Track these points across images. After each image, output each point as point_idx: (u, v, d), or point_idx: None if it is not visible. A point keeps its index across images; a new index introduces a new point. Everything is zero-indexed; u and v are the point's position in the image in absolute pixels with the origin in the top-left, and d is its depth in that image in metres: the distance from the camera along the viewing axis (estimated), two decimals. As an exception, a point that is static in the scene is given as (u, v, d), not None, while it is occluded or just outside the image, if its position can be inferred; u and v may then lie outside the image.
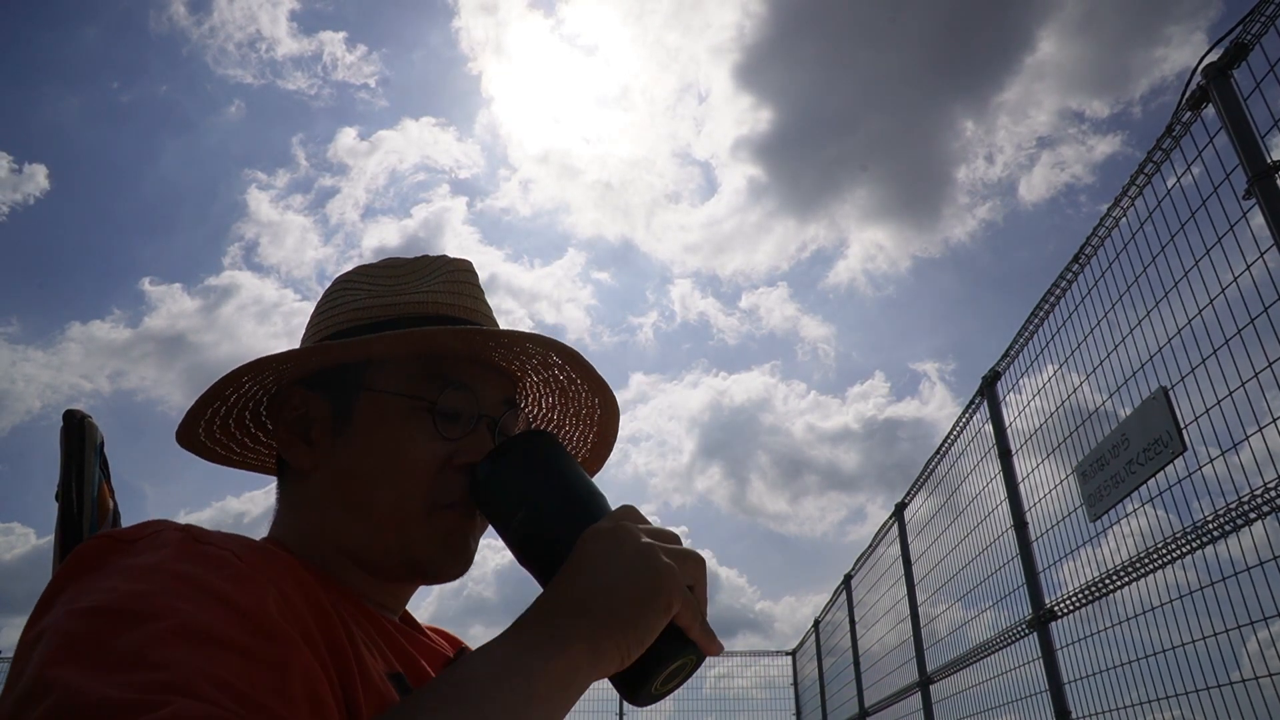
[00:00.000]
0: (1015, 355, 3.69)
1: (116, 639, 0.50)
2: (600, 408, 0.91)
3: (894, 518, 5.66)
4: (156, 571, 0.56)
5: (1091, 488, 2.94)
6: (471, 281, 0.87)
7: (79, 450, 0.69)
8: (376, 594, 0.79)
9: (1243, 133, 2.16)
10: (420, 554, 0.76)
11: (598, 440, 0.96)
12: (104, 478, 0.72)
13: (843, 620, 7.21)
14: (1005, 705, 3.91)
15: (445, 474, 0.76)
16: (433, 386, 0.77)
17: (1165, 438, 2.49)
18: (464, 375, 0.79)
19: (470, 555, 0.79)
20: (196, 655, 0.50)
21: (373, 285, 0.85)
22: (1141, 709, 2.71)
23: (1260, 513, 2.15)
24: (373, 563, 0.76)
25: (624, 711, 9.15)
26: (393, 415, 0.76)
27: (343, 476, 0.77)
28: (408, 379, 0.77)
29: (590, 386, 0.89)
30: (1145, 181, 2.64)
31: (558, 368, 0.86)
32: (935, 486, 4.93)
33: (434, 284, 0.84)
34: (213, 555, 0.59)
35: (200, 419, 0.81)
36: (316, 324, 0.86)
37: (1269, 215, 2.05)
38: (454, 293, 0.84)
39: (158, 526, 0.62)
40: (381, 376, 0.78)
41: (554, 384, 0.90)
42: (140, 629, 0.51)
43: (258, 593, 0.57)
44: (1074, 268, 3.08)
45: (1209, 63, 2.26)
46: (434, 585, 0.82)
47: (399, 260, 0.88)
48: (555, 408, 0.94)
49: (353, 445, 0.77)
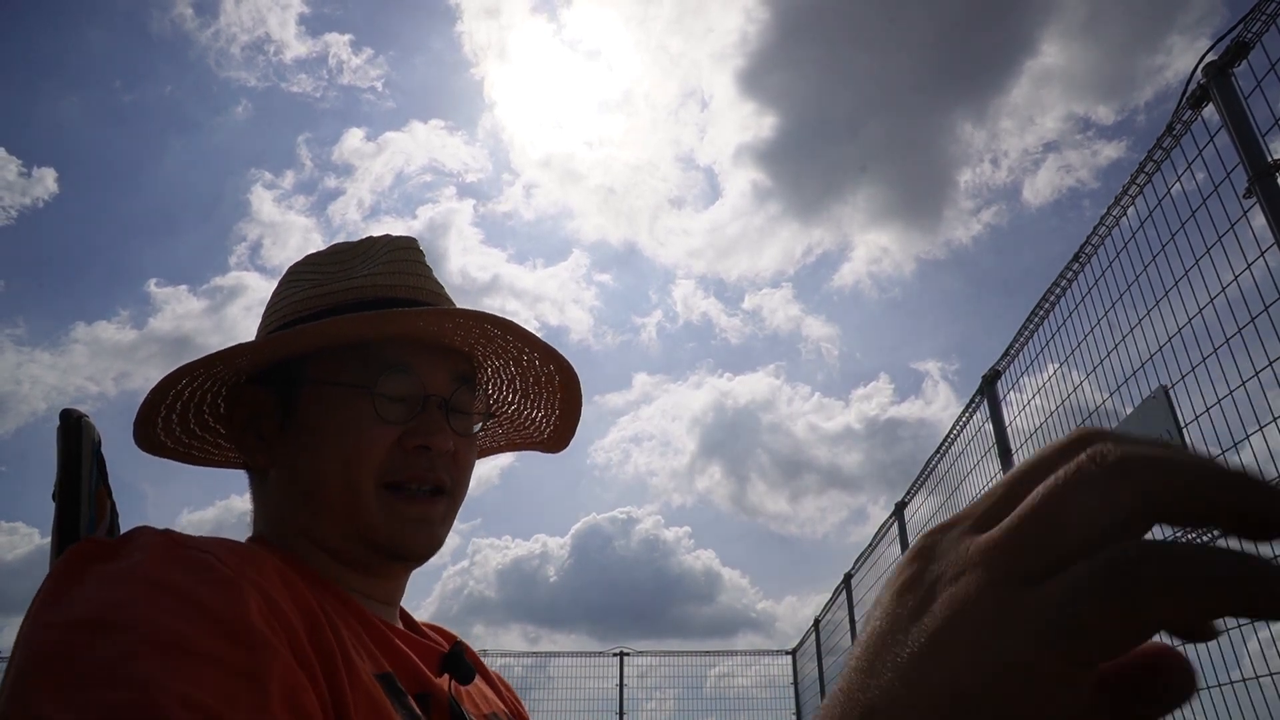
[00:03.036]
0: (1015, 354, 3.69)
1: (88, 654, 0.49)
2: (557, 372, 0.91)
3: (894, 517, 5.65)
4: (133, 579, 0.55)
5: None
6: (414, 259, 0.86)
7: (76, 450, 0.69)
8: (363, 586, 0.79)
9: (1243, 132, 2.16)
10: (378, 534, 0.76)
11: (564, 408, 0.96)
12: (101, 478, 0.71)
13: (843, 620, 7.21)
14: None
15: (395, 455, 0.77)
16: (372, 372, 0.77)
17: (1165, 437, 2.48)
18: (405, 358, 0.79)
19: (435, 534, 0.79)
20: (168, 670, 0.49)
21: (316, 274, 0.85)
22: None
23: (1261, 512, 2.15)
24: (338, 549, 0.77)
25: (624, 711, 9.15)
26: (336, 404, 0.77)
27: (295, 468, 0.78)
28: (348, 367, 0.78)
29: (540, 354, 0.89)
30: (1146, 181, 2.63)
31: (500, 339, 0.85)
32: (936, 485, 4.93)
33: (375, 267, 0.84)
34: (193, 560, 0.58)
35: (153, 424, 0.82)
36: (265, 318, 0.87)
37: (1269, 214, 2.05)
38: (395, 273, 0.84)
39: (139, 534, 0.61)
40: (322, 367, 0.78)
41: (506, 357, 0.89)
42: (112, 641, 0.50)
43: (238, 598, 0.56)
44: (1074, 267, 3.08)
45: (1209, 61, 2.26)
46: (406, 565, 0.82)
47: (344, 245, 0.88)
48: (515, 379, 0.94)
49: (301, 437, 0.78)
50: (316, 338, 0.77)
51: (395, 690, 0.68)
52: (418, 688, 0.72)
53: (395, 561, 0.79)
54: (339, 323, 0.75)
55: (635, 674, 9.43)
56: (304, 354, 0.79)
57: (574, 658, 9.54)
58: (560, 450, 1.01)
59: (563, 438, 1.00)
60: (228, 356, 0.77)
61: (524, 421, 1.00)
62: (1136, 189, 2.68)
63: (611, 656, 9.44)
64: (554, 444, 1.01)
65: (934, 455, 4.83)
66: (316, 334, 0.76)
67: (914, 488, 5.35)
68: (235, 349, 0.77)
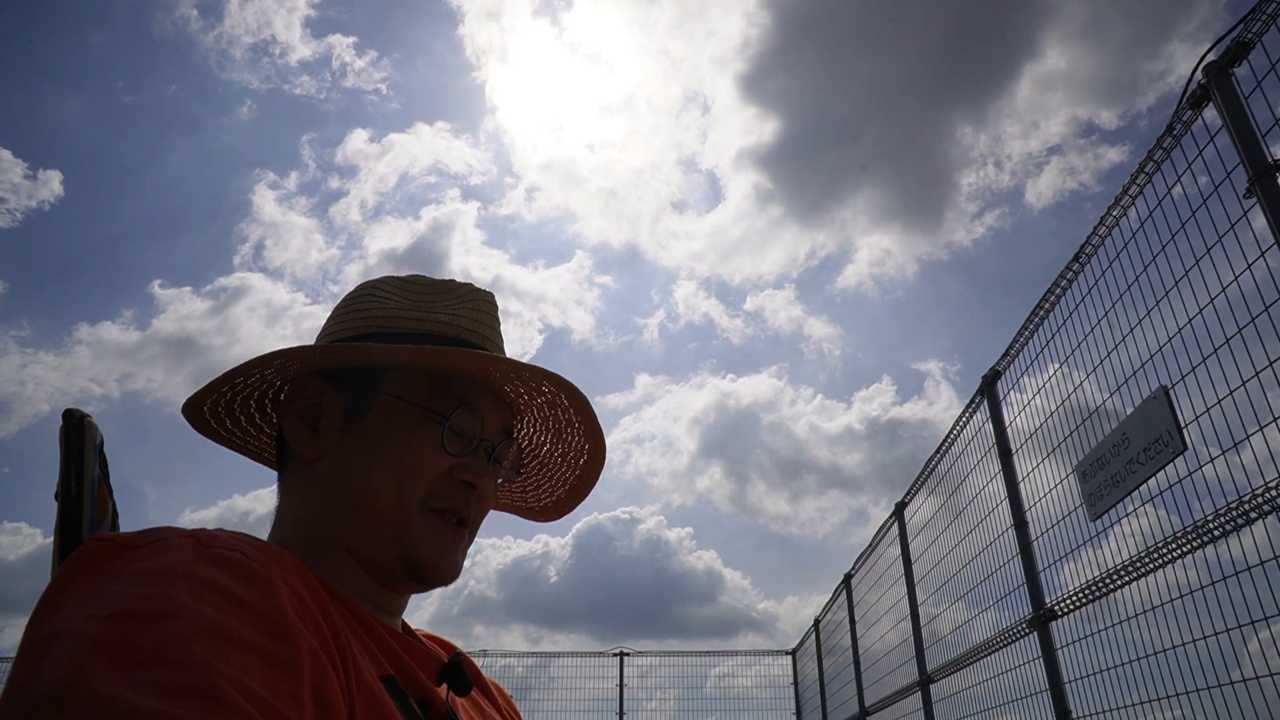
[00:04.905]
0: (1015, 354, 3.69)
1: (141, 641, 0.50)
2: (588, 453, 0.96)
3: (894, 517, 5.66)
4: (172, 575, 0.56)
5: (1092, 487, 2.94)
6: (492, 313, 0.91)
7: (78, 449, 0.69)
8: (374, 597, 0.80)
9: (1244, 131, 2.16)
10: (415, 552, 0.79)
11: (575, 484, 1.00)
12: (103, 477, 0.71)
13: (843, 620, 7.21)
14: (1005, 705, 3.91)
15: (443, 483, 0.80)
16: (445, 403, 0.81)
17: (1166, 437, 2.48)
18: (474, 399, 0.83)
19: (458, 564, 0.83)
20: (219, 656, 0.51)
21: (400, 297, 0.88)
22: (1142, 709, 2.71)
23: (1261, 512, 2.15)
24: (371, 559, 0.78)
25: (624, 712, 9.16)
26: (405, 422, 0.80)
27: (346, 470, 0.80)
28: (426, 392, 0.81)
29: (586, 432, 0.93)
30: (1146, 181, 2.63)
31: (561, 409, 0.90)
32: (936, 486, 4.93)
33: (458, 308, 0.88)
34: (225, 557, 0.60)
35: (209, 398, 0.84)
36: (337, 322, 0.88)
37: (1270, 214, 2.05)
38: (475, 319, 0.88)
39: (163, 533, 0.62)
40: (398, 384, 0.81)
41: (551, 423, 0.94)
42: (162, 630, 0.51)
43: (272, 592, 0.58)
44: (1074, 267, 3.08)
45: (1210, 61, 2.26)
46: (424, 587, 0.83)
47: (426, 279, 0.92)
48: (545, 444, 0.98)
49: (361, 442, 0.80)
50: (414, 356, 0.80)
51: (398, 691, 0.69)
52: (418, 693, 0.73)
53: (417, 582, 0.81)
54: (449, 353, 0.79)
55: (635, 674, 9.44)
56: (386, 365, 0.82)
57: (574, 658, 9.54)
58: (551, 519, 1.04)
59: (561, 509, 1.03)
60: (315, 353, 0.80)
61: (532, 488, 1.03)
62: (1137, 189, 2.68)
63: (612, 657, 9.45)
64: (548, 513, 1.04)
65: (934, 455, 4.83)
66: (418, 354, 0.79)
67: (914, 488, 5.35)
68: (329, 348, 0.80)
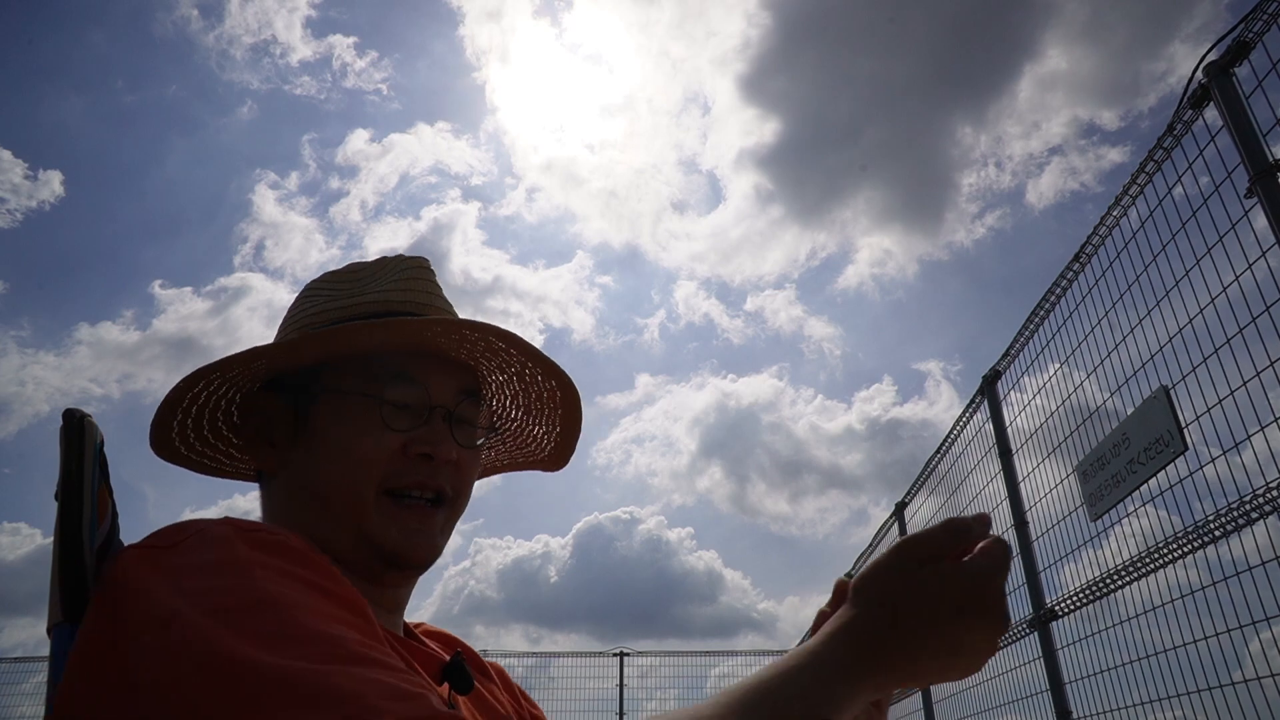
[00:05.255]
0: (1016, 354, 3.69)
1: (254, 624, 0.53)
2: (559, 388, 0.93)
3: (894, 517, 5.65)
4: (237, 564, 0.58)
5: (1092, 487, 2.93)
6: (423, 277, 0.89)
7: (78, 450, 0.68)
8: (367, 594, 0.79)
9: (1244, 131, 2.16)
10: (381, 539, 0.78)
11: (564, 425, 0.98)
12: (103, 477, 0.71)
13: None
14: (1006, 705, 3.91)
15: (399, 462, 0.79)
16: (380, 381, 0.80)
17: (1166, 437, 2.48)
18: (412, 368, 0.82)
19: (433, 544, 0.82)
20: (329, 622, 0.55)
21: (333, 291, 0.88)
22: (1143, 709, 2.71)
23: (1262, 512, 2.15)
24: (342, 555, 0.78)
25: (624, 711, 9.15)
26: (345, 412, 0.80)
27: (303, 475, 0.80)
28: (358, 377, 0.81)
29: (543, 370, 0.91)
30: (1146, 180, 2.63)
31: (504, 353, 0.87)
32: (936, 485, 4.92)
33: (386, 284, 0.87)
34: (276, 542, 0.62)
35: (169, 429, 0.84)
36: (281, 332, 0.89)
37: (1270, 214, 2.05)
38: (405, 289, 0.86)
39: (200, 525, 0.64)
40: (336, 377, 0.81)
41: (509, 372, 0.92)
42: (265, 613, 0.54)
43: (331, 570, 0.62)
44: (1074, 267, 3.08)
45: (1210, 61, 2.25)
46: (405, 574, 0.83)
47: (359, 264, 0.91)
48: (518, 394, 0.96)
49: (312, 444, 0.80)
50: (319, 345, 0.79)
51: None
52: None
53: (394, 569, 0.81)
54: (343, 331, 0.78)
55: (636, 674, 9.43)
56: (316, 363, 0.82)
57: (574, 658, 9.53)
58: (559, 468, 1.04)
59: (562, 455, 1.02)
60: (240, 361, 0.80)
61: (526, 439, 1.02)
62: (1137, 189, 2.67)
63: (612, 657, 9.44)
64: (554, 462, 1.04)
65: (934, 455, 4.83)
66: (321, 341, 0.79)
67: (914, 488, 5.34)
68: (247, 353, 0.79)
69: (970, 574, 0.62)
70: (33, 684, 9.58)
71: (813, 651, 0.61)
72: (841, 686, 0.59)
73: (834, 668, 0.60)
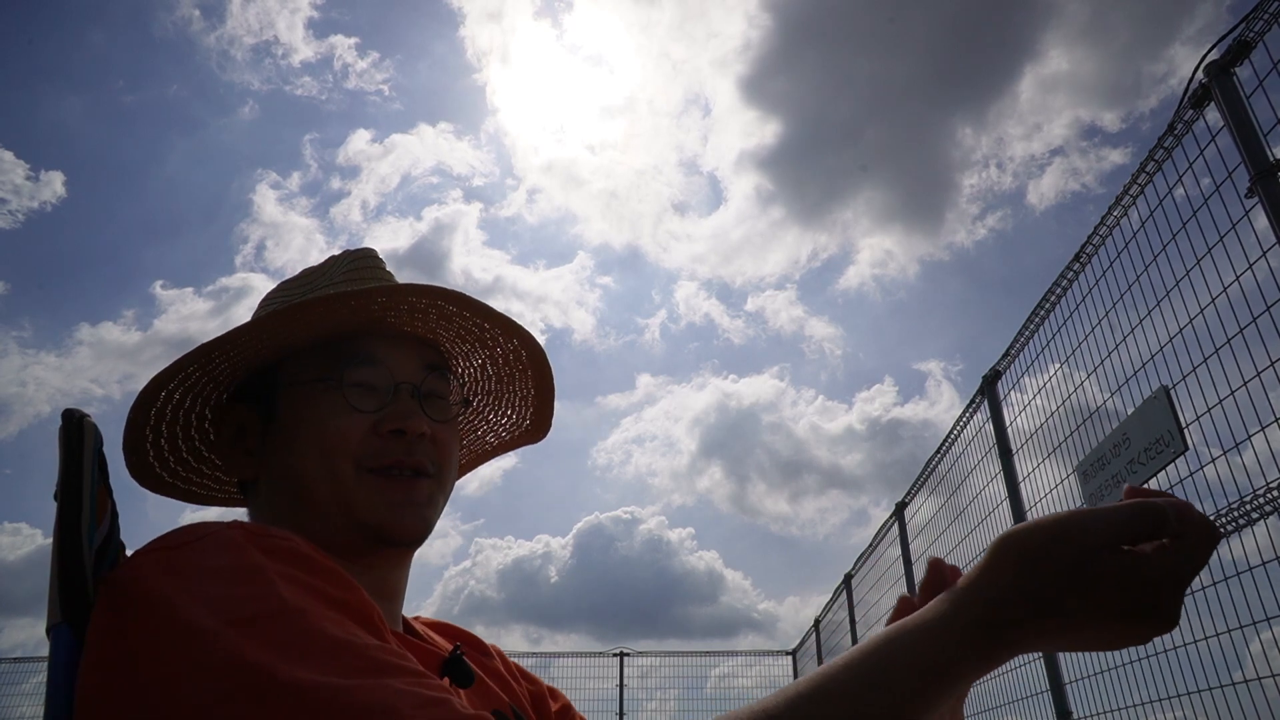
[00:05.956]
0: (1016, 354, 3.69)
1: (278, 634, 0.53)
2: (522, 346, 0.92)
3: (894, 517, 5.65)
4: (253, 570, 0.58)
5: (1092, 487, 2.93)
6: (369, 264, 0.89)
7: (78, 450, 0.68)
8: (363, 583, 0.79)
9: (1245, 131, 2.16)
10: (367, 515, 0.77)
11: (537, 387, 0.97)
12: (102, 478, 0.71)
13: (844, 620, 7.20)
14: (1006, 705, 3.91)
15: (372, 441, 0.78)
16: (338, 365, 0.80)
17: (1166, 437, 2.48)
18: (369, 348, 0.81)
19: (423, 516, 0.80)
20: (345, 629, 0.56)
21: (285, 295, 0.88)
22: (1143, 709, 2.71)
23: (1263, 513, 2.15)
24: (330, 542, 0.77)
25: (624, 712, 9.15)
26: (308, 402, 0.80)
27: (280, 473, 0.80)
28: (319, 366, 0.80)
29: (503, 330, 0.89)
30: (1147, 180, 2.63)
31: (459, 318, 0.86)
32: (936, 486, 4.92)
33: (336, 276, 0.87)
34: (285, 547, 0.62)
35: (144, 453, 0.84)
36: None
37: (1271, 214, 2.05)
38: (352, 279, 0.86)
39: (211, 528, 0.64)
40: (292, 370, 0.81)
41: (472, 340, 0.91)
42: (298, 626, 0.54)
43: (342, 575, 0.63)
44: (1075, 267, 3.08)
45: (1211, 61, 2.25)
46: (399, 551, 0.82)
47: (310, 268, 0.91)
48: (486, 364, 0.95)
49: (282, 442, 0.80)
50: (262, 331, 0.79)
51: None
52: None
53: (387, 546, 0.80)
54: (287, 311, 0.77)
55: (636, 674, 9.43)
56: (273, 358, 0.82)
57: (575, 658, 9.54)
58: (543, 435, 1.03)
59: (543, 421, 1.01)
60: (194, 360, 0.79)
61: (506, 409, 1.02)
62: (1138, 189, 2.67)
63: (612, 657, 9.44)
64: (536, 431, 1.03)
65: (934, 455, 4.83)
66: (263, 328, 0.78)
67: (915, 488, 5.34)
68: (194, 352, 0.78)
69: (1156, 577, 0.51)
70: (32, 684, 9.58)
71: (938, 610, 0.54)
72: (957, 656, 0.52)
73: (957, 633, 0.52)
